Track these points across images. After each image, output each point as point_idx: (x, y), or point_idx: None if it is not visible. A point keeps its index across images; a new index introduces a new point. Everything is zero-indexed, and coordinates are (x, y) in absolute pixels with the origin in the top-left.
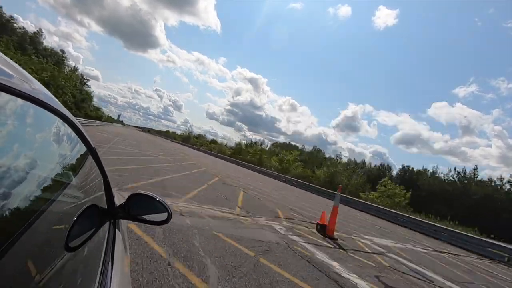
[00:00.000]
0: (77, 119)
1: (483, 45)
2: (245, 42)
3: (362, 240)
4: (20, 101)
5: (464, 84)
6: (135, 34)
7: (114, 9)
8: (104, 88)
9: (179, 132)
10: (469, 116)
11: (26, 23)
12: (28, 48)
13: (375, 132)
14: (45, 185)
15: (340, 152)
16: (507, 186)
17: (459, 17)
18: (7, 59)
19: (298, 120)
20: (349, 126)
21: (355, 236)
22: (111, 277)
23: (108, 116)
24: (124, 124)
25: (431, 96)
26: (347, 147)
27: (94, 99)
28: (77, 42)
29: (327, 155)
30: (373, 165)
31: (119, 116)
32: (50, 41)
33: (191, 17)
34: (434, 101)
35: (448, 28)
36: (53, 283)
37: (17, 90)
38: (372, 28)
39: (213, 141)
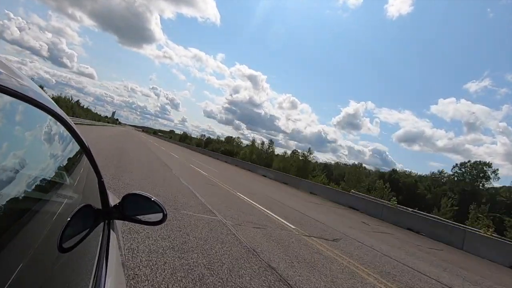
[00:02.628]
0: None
1: (497, 38)
2: (245, 36)
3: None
4: (7, 98)
5: (477, 79)
6: (129, 29)
7: (106, 0)
8: (100, 86)
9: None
10: (478, 112)
11: (17, 19)
12: None
13: (377, 130)
14: (37, 185)
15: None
16: None
17: (471, 10)
18: None
19: (298, 118)
20: (351, 123)
21: None
22: (105, 278)
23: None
24: (119, 123)
25: (438, 92)
26: (346, 145)
27: (91, 98)
28: (70, 37)
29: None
30: (373, 163)
31: (113, 113)
32: (43, 37)
33: (189, 8)
34: (440, 97)
35: (460, 21)
36: (46, 285)
37: (3, 86)
38: (384, 18)
39: None
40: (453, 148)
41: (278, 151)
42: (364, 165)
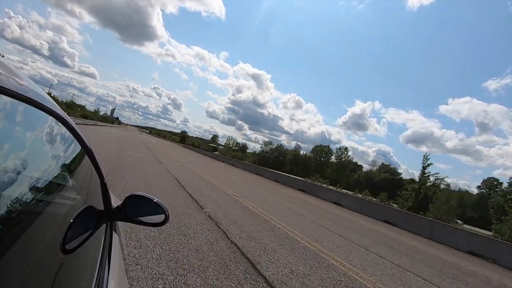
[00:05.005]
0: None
1: None
2: (250, 33)
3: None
4: (6, 98)
5: (497, 76)
6: (130, 25)
7: None
8: (101, 87)
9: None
10: (494, 112)
11: (18, 17)
12: None
13: (384, 131)
14: (39, 186)
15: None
16: None
17: (490, 3)
18: None
19: (303, 118)
20: (356, 124)
21: None
22: (107, 280)
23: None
24: (119, 123)
25: (449, 91)
26: (350, 146)
27: (93, 98)
28: (70, 35)
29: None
30: (377, 165)
31: (112, 110)
32: (43, 36)
33: (192, 1)
34: (450, 96)
35: (480, 16)
36: (49, 286)
37: (1, 87)
38: (402, 9)
39: None
40: (463, 149)
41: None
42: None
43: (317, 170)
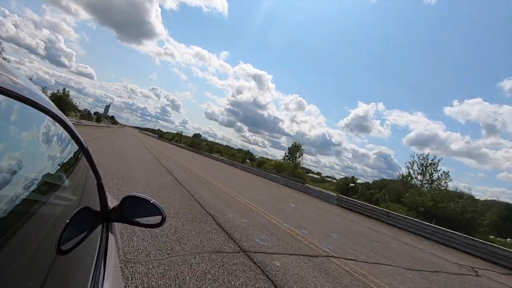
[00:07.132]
0: (68, 118)
1: None
2: (251, 32)
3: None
4: (1, 97)
5: None
6: (128, 22)
7: None
8: (99, 87)
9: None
10: (505, 113)
11: (14, 16)
12: None
13: (388, 133)
14: (35, 186)
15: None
16: None
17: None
18: None
19: (304, 119)
20: (359, 126)
21: None
22: (103, 281)
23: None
24: (113, 122)
25: (456, 93)
26: (351, 148)
27: (91, 99)
28: (66, 33)
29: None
30: (378, 167)
31: (107, 108)
32: (39, 34)
33: None
34: (455, 98)
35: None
36: (44, 287)
37: None
38: (419, 2)
39: None
40: (467, 152)
41: (280, 153)
42: None
43: None
